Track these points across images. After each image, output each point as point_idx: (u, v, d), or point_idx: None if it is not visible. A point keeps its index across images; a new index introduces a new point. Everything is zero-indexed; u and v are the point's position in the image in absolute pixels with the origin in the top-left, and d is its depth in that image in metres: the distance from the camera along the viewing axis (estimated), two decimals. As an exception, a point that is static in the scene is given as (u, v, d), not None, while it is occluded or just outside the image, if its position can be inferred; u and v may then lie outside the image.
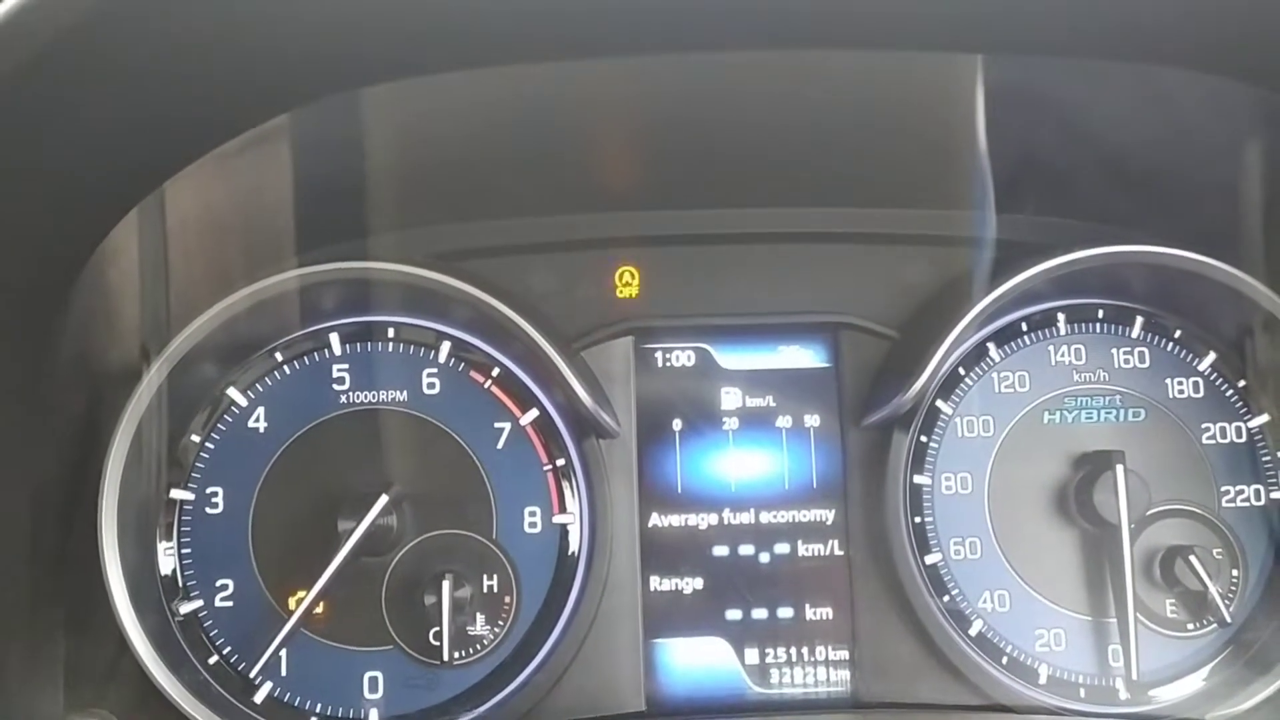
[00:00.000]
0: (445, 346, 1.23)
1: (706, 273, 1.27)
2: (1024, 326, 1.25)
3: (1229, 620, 1.13)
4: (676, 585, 1.23)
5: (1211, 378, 1.22)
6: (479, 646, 1.16)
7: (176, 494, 1.18)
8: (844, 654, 1.20)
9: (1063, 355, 1.26)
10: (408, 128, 1.06)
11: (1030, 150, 1.13)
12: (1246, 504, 1.19)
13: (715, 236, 1.26)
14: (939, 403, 1.24)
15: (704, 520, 1.25)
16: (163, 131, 0.87)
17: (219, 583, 1.17)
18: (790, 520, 1.25)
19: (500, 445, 1.22)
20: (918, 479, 1.22)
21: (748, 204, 1.25)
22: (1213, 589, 1.13)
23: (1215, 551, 1.16)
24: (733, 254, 1.27)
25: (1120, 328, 1.24)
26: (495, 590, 1.17)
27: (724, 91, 1.02)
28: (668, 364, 1.28)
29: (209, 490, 1.18)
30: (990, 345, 1.25)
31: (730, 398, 1.28)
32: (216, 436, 1.21)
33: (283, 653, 1.13)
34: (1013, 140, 1.09)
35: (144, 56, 0.78)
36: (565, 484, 1.22)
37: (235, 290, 1.14)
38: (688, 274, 1.27)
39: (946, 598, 1.18)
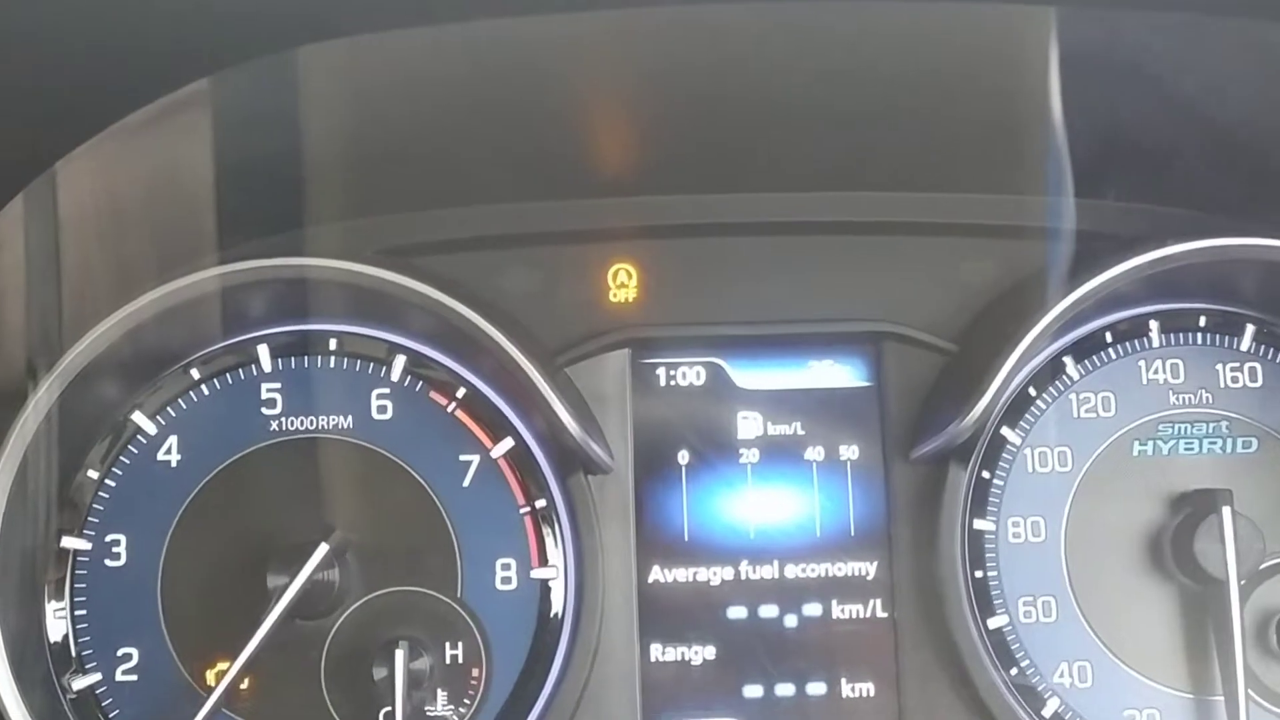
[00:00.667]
0: (399, 362, 1.23)
1: (719, 271, 1.27)
2: (1109, 337, 1.25)
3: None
4: (683, 654, 1.22)
5: (1342, 401, 1.12)
6: (440, 730, 1.07)
7: (69, 542, 1.17)
8: (889, 739, 1.09)
9: (1156, 372, 1.26)
10: (352, 95, 1.06)
11: (1116, 122, 1.13)
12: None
13: (730, 227, 1.27)
14: (1005, 430, 1.23)
15: (716, 575, 1.25)
16: (52, 99, 0.89)
17: (121, 652, 1.17)
18: (823, 575, 1.24)
19: (467, 483, 1.22)
20: (979, 524, 1.22)
21: (770, 187, 1.26)
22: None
23: (1346, 615, 1.06)
24: (752, 248, 1.27)
25: (1227, 338, 1.24)
26: (460, 660, 1.17)
27: (741, 45, 1.02)
28: (672, 383, 1.29)
29: (109, 538, 1.18)
30: (1067, 360, 1.25)
31: (749, 424, 1.29)
32: (119, 472, 1.21)
33: (200, 738, 1.02)
34: (1095, 110, 1.10)
35: (25, 4, 0.78)
36: (546, 530, 1.21)
37: (142, 292, 1.15)
38: (696, 272, 1.27)
39: (1014, 670, 1.18)
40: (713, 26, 0.98)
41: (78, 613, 1.16)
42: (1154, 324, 1.25)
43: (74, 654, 1.16)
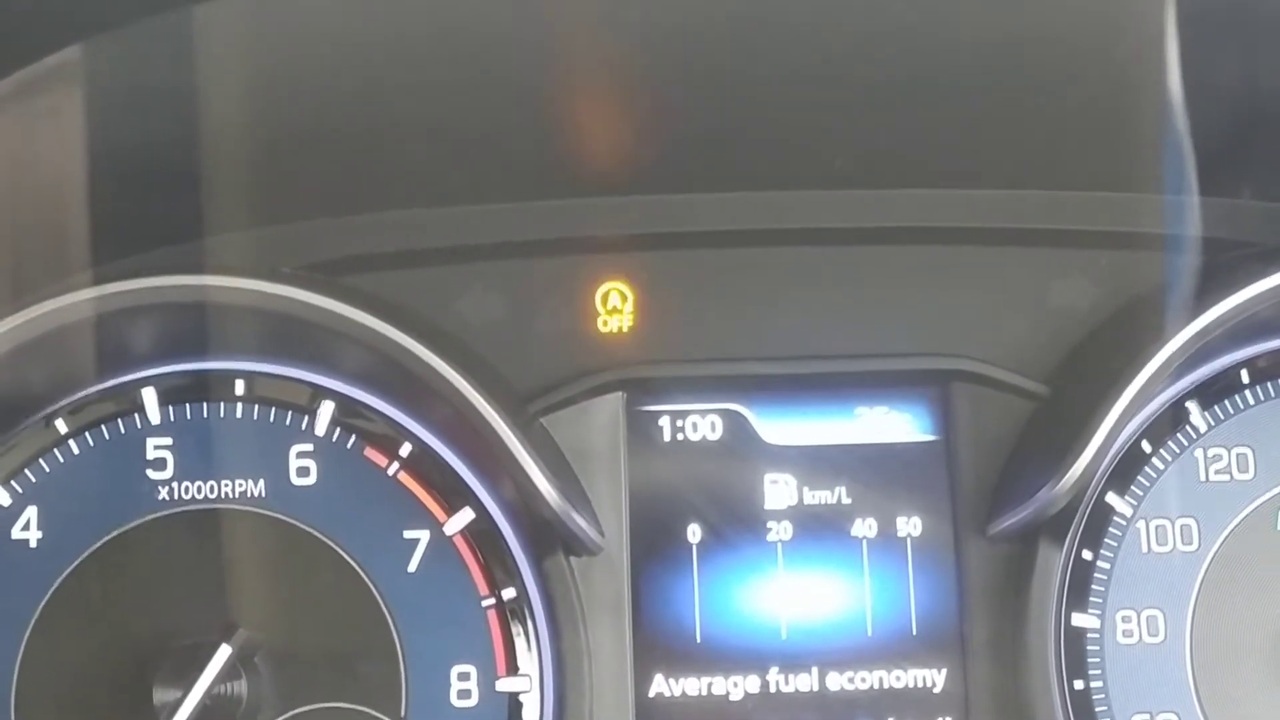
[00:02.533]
0: (326, 410, 1.23)
1: (739, 292, 1.28)
2: (1245, 377, 1.25)
3: None
4: (696, 794, 1.15)
5: None
6: None
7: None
8: None
9: None
10: (263, 66, 1.07)
11: (1254, 99, 1.13)
12: None
13: (753, 235, 1.28)
14: (1111, 498, 1.23)
15: (738, 687, 1.24)
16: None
17: (-34, 785, 1.09)
18: (876, 687, 1.23)
19: (413, 566, 1.21)
20: (1079, 620, 1.21)
21: (805, 184, 1.27)
22: None
23: None
24: (781, 263, 1.28)
25: (1400, 380, 1.17)
26: (406, 802, 1.10)
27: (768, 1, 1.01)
28: (679, 436, 1.29)
29: None
30: (1191, 406, 1.25)
31: (779, 491, 1.28)
32: None
33: None
34: (1226, 83, 1.11)
35: None
36: (516, 628, 1.20)
37: None
38: (710, 294, 1.28)
39: (1127, 807, 1.12)
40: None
41: (-91, 736, 1.10)
42: (1303, 360, 1.17)
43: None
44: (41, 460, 1.22)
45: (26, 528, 1.21)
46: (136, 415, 1.23)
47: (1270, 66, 1.10)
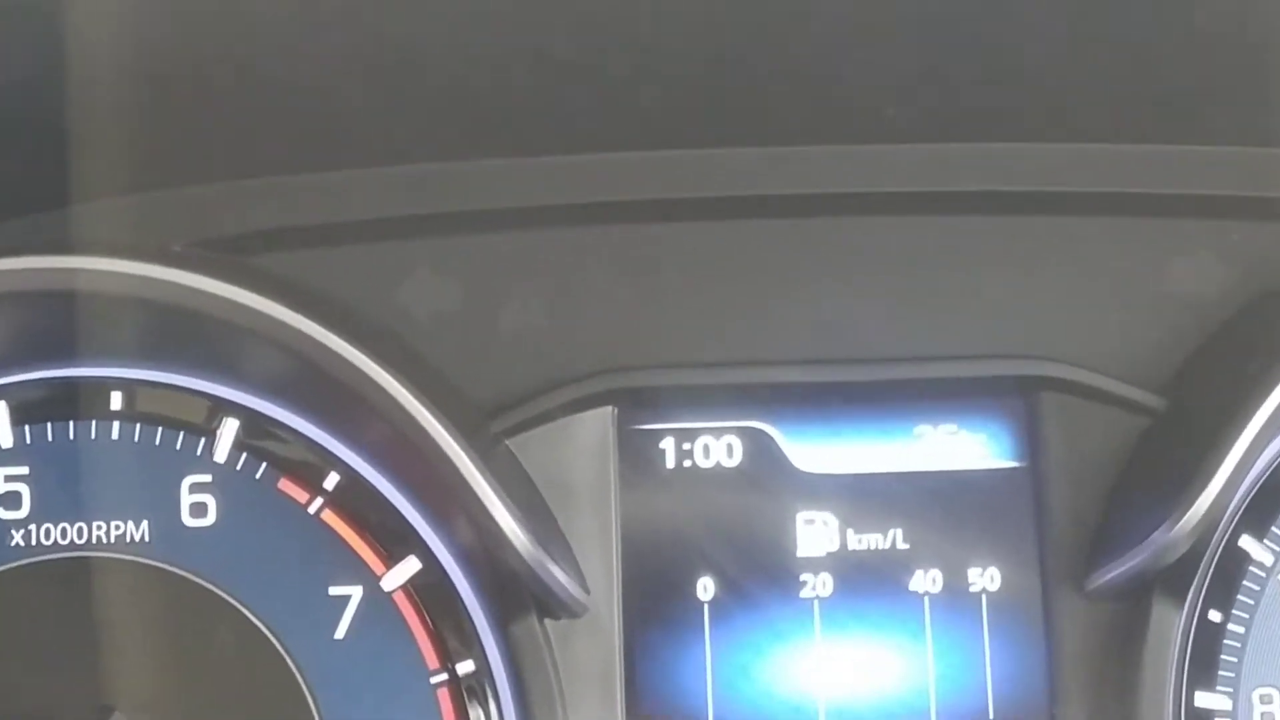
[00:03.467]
0: (229, 430, 1.21)
1: (761, 276, 1.25)
2: None
3: None
4: None
5: None
6: None
7: None
8: None
9: None
10: None
11: None
12: None
13: (777, 203, 1.24)
14: (1246, 541, 1.19)
15: None
16: None
17: None
18: None
19: (341, 632, 1.18)
20: (1204, 699, 1.16)
21: (842, 137, 1.23)
22: None
23: None
24: (814, 238, 1.24)
25: None
26: None
27: None
28: (686, 463, 1.25)
29: None
30: None
31: (816, 533, 1.24)
32: None
33: None
34: None
35: None
36: (476, 710, 1.17)
37: None
38: (723, 279, 1.25)
39: None
40: None
41: None
42: None
43: None
44: None
45: None
46: (-19, 438, 1.15)
47: None
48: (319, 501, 1.20)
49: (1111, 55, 1.18)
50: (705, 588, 1.23)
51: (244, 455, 1.21)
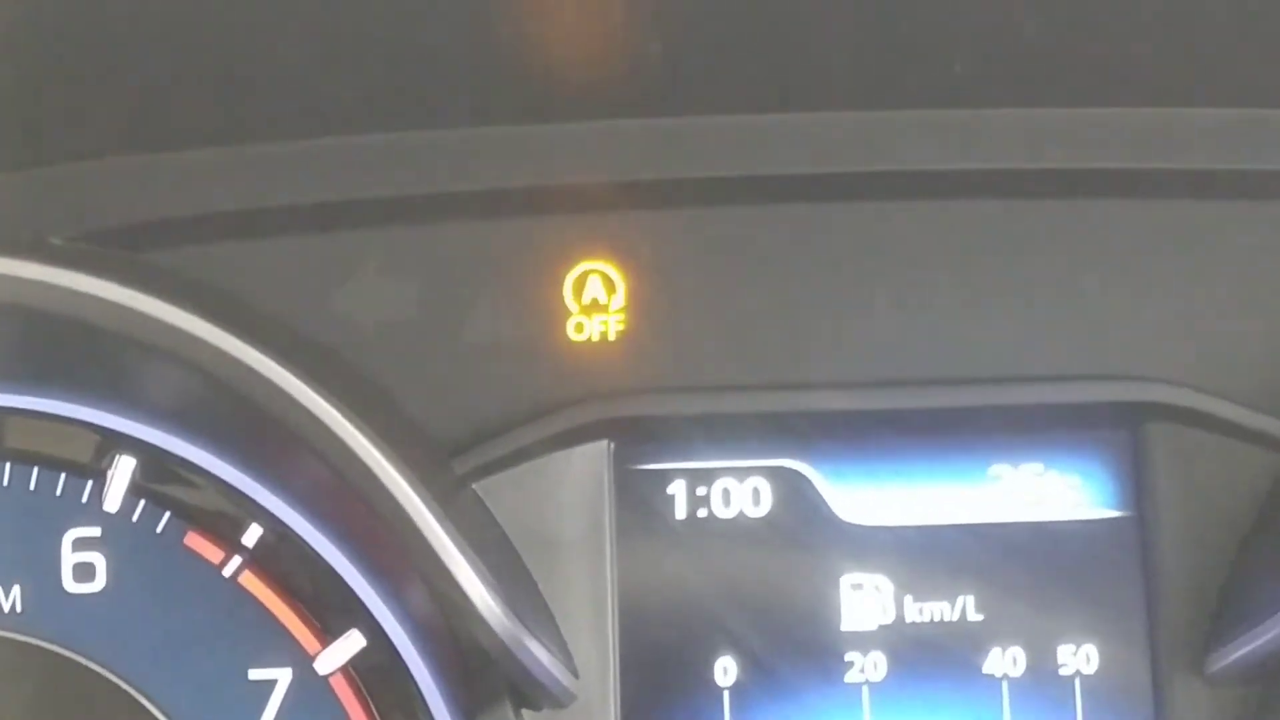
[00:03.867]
0: (123, 471, 1.12)
1: (791, 277, 1.17)
2: None
3: None
4: None
5: None
6: None
7: None
8: None
9: None
10: None
11: None
12: None
13: (807, 184, 1.17)
14: None
15: None
16: None
17: None
18: None
19: None
20: None
21: (889, 101, 1.16)
22: None
23: None
24: (856, 228, 1.17)
25: None
26: None
27: None
28: (700, 512, 1.16)
29: None
30: None
31: (865, 601, 1.16)
32: None
33: None
34: None
35: None
36: None
37: None
38: (742, 280, 1.17)
39: None
40: None
41: None
42: None
43: None
44: None
45: None
46: None
47: None
48: (236, 561, 1.12)
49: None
50: (725, 670, 1.15)
51: (142, 503, 1.13)
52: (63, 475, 1.12)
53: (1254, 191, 1.19)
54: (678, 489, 1.16)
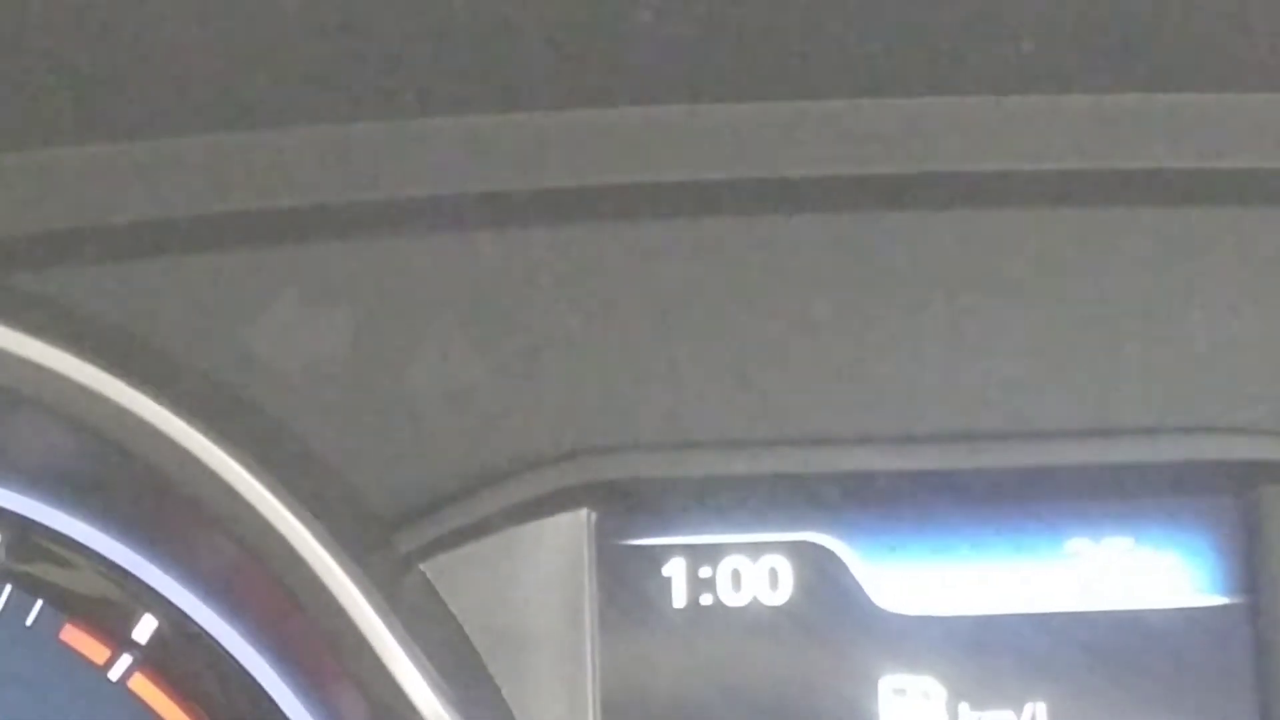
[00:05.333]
0: None
1: (810, 301, 1.01)
2: None
3: None
4: None
5: None
6: None
7: None
8: None
9: None
10: None
11: None
12: None
13: (829, 184, 1.00)
14: None
15: None
16: None
17: None
18: None
19: None
20: None
21: (927, 88, 1.00)
22: None
23: None
24: (888, 243, 1.00)
25: None
26: None
27: None
28: (704, 598, 1.01)
29: None
30: None
31: (910, 707, 1.00)
32: None
33: None
34: None
35: None
36: None
37: None
38: (752, 307, 1.02)
39: None
40: None
41: None
42: None
43: None
44: None
45: None
46: None
47: None
48: (126, 661, 0.96)
49: None
50: None
51: (8, 588, 0.98)
52: None
53: None
54: (675, 570, 1.01)
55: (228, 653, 0.97)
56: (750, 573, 1.01)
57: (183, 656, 0.98)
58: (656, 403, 1.01)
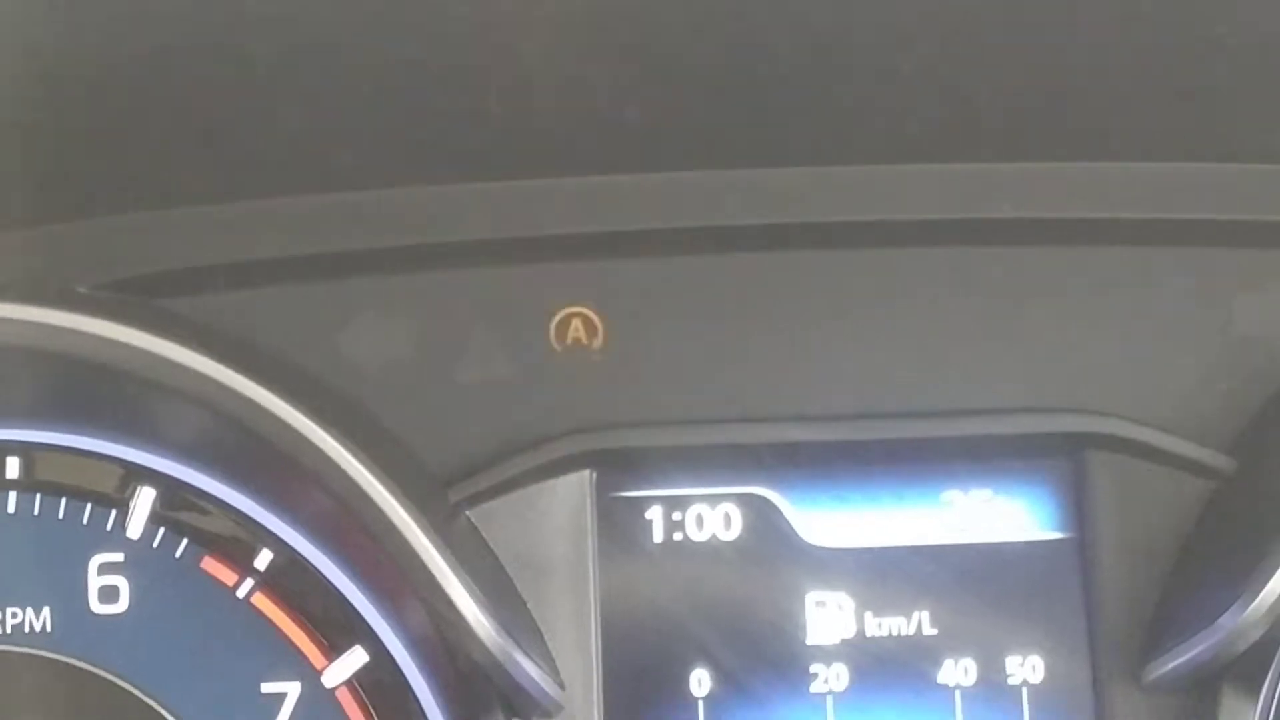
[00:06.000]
0: (144, 501, 1.13)
1: (759, 320, 1.17)
2: None
3: None
4: None
5: None
6: None
7: None
8: None
9: None
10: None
11: None
12: None
13: (774, 233, 1.19)
14: None
15: None
16: None
17: None
18: None
19: None
20: None
21: (848, 158, 1.16)
22: None
23: None
24: (822, 274, 1.17)
25: None
26: None
27: None
28: (675, 536, 1.16)
29: None
30: None
31: (828, 617, 1.15)
32: None
33: None
34: None
35: None
36: None
37: None
38: (714, 323, 1.17)
39: None
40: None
41: None
42: None
43: None
44: None
45: None
46: None
47: None
48: (249, 584, 1.13)
49: (1157, 59, 1.10)
50: (700, 682, 1.15)
51: (162, 530, 1.13)
52: (89, 505, 1.13)
53: (1184, 239, 1.17)
54: (655, 514, 1.16)
55: (324, 576, 1.12)
56: (710, 516, 1.15)
57: (291, 579, 1.12)
58: (641, 392, 1.15)
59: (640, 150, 1.19)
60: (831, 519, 1.18)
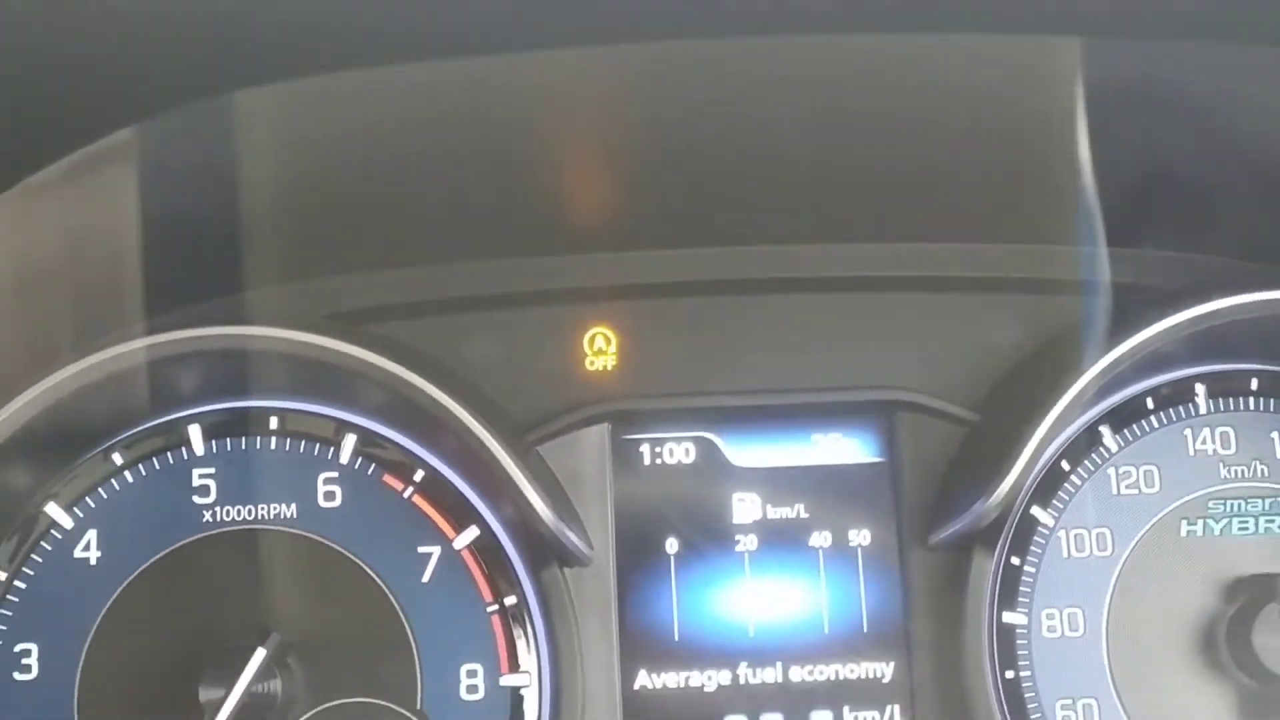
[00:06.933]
0: (349, 442, 1.36)
1: (709, 334, 1.40)
2: (1150, 403, 1.37)
3: None
4: (676, 771, 1.41)
5: None
6: None
7: (-30, 654, 1.34)
8: None
9: (1205, 442, 1.35)
10: (294, 143, 1.17)
11: (1154, 163, 1.24)
12: None
13: (720, 285, 1.39)
14: (1035, 511, 1.36)
15: (711, 679, 1.36)
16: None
17: (30, 780, 1.34)
18: (832, 678, 1.35)
19: (426, 578, 1.32)
20: (1009, 617, 1.33)
21: (766, 240, 1.37)
22: None
23: None
24: (746, 309, 1.40)
25: (1282, 403, 1.44)
26: (422, 783, 1.35)
27: (730, 84, 1.11)
28: (658, 461, 1.40)
29: (18, 648, 1.27)
30: (1104, 430, 1.37)
31: (746, 507, 1.39)
32: (30, 572, 1.30)
33: None
34: (1129, 150, 1.21)
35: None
36: (517, 631, 1.32)
37: (60, 366, 1.24)
38: (683, 336, 1.39)
39: (1051, 784, 1.38)
40: (698, 64, 1.08)
41: (-23, 736, 1.34)
42: (1200, 388, 1.37)
43: (-27, 785, 1.34)
44: (100, 488, 1.34)
45: (87, 548, 1.31)
46: (183, 448, 1.35)
47: (1164, 134, 1.22)
48: (410, 489, 1.35)
49: (943, 192, 1.30)
50: (671, 545, 1.37)
51: (359, 459, 1.35)
52: (317, 444, 1.34)
53: (946, 288, 1.36)
54: (646, 449, 1.38)
55: (454, 484, 1.33)
56: (678, 450, 1.37)
57: (435, 487, 1.32)
58: (639, 379, 1.36)
59: (637, 235, 1.35)
60: (749, 451, 1.39)
